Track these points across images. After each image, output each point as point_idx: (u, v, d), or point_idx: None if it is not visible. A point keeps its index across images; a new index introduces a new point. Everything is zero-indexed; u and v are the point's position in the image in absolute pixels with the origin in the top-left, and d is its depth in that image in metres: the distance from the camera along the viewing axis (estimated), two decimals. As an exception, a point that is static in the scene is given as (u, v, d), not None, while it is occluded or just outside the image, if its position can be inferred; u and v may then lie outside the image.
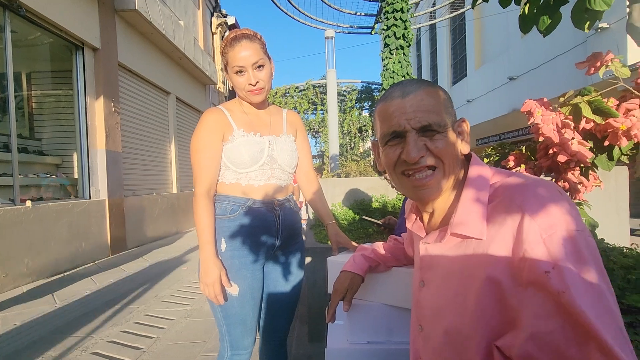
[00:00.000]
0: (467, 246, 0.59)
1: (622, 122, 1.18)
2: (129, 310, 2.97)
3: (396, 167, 0.65)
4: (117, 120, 5.47)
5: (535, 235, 0.50)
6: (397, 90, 0.65)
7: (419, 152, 0.60)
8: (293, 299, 1.27)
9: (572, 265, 0.47)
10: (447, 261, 0.63)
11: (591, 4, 0.96)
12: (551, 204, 0.52)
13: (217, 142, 1.12)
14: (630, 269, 1.20)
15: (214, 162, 1.12)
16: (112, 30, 5.46)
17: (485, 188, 0.60)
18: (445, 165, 0.62)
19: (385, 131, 0.65)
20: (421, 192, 0.63)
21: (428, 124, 0.60)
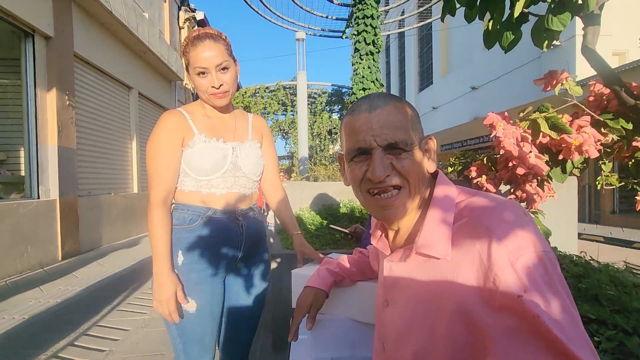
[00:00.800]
0: (432, 267, 0.58)
1: (575, 138, 1.25)
2: (79, 321, 2.76)
3: (362, 185, 0.63)
4: (71, 114, 5.10)
5: (504, 259, 0.50)
6: (365, 104, 0.63)
7: (385, 170, 0.59)
8: (256, 312, 1.22)
9: (543, 288, 0.47)
10: (412, 282, 0.62)
11: (549, 24, 1.00)
12: (518, 227, 0.52)
13: (175, 147, 1.05)
14: (581, 277, 1.26)
15: (171, 168, 1.05)
16: (68, 18, 5.09)
17: (450, 208, 0.60)
18: (411, 184, 0.60)
19: (351, 147, 0.63)
20: (386, 212, 0.62)
21: (395, 141, 0.59)
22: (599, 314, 0.98)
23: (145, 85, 7.79)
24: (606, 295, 1.10)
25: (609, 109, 1.30)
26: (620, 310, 1.02)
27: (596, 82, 1.36)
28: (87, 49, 5.60)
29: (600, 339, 0.90)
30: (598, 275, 1.27)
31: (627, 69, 5.95)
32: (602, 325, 0.95)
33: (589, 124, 1.26)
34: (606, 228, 7.87)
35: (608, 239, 6.78)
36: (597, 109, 1.35)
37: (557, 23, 0.96)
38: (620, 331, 0.91)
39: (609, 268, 1.35)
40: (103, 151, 6.24)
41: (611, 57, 7.69)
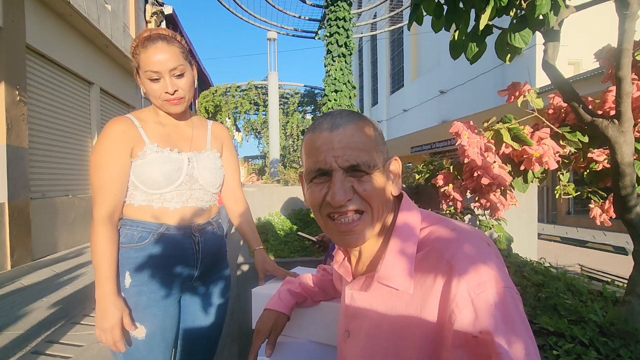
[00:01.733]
0: (393, 299, 0.56)
1: (536, 150, 1.27)
2: (27, 337, 2.54)
3: (322, 209, 0.59)
4: (22, 110, 4.73)
5: (463, 295, 0.48)
6: (327, 122, 0.59)
7: (346, 195, 0.55)
8: (214, 334, 1.15)
9: (500, 328, 0.46)
10: (373, 313, 0.59)
11: (511, 40, 1.01)
12: (480, 261, 0.50)
13: (123, 157, 0.96)
14: (541, 286, 1.29)
15: (117, 181, 0.95)
16: (20, 7, 4.71)
17: (413, 237, 0.57)
18: (373, 209, 0.57)
19: (311, 167, 0.59)
20: (347, 237, 0.58)
21: (356, 163, 0.56)
22: (558, 326, 1.00)
23: (108, 81, 7.39)
24: (564, 305, 1.13)
25: (566, 121, 1.34)
26: (578, 321, 1.04)
27: (555, 95, 1.40)
28: (42, 41, 5.22)
29: (559, 352, 0.91)
30: (556, 283, 1.31)
31: (581, 79, 6.32)
32: (560, 338, 0.97)
33: (548, 136, 1.29)
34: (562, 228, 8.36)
35: (564, 239, 7.20)
36: (555, 121, 1.39)
37: (519, 40, 0.97)
38: (578, 343, 0.93)
39: (566, 275, 1.40)
40: (60, 150, 5.84)
41: (567, 67, 8.16)
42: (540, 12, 0.90)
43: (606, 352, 0.89)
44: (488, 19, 1.06)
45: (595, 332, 0.97)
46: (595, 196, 1.55)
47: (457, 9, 1.17)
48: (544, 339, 0.97)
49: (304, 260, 2.08)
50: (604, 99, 1.18)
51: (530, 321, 1.07)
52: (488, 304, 0.47)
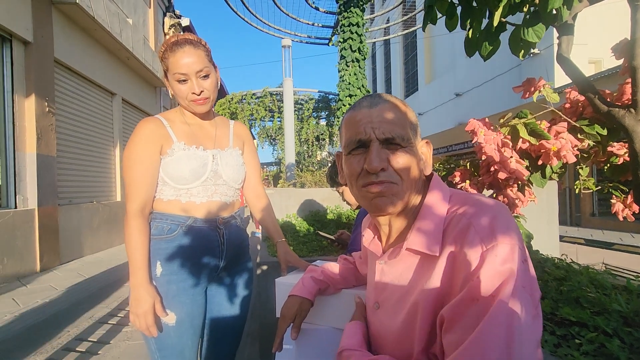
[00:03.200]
0: (422, 264, 0.59)
1: (553, 144, 1.28)
2: (58, 336, 2.66)
3: (358, 179, 0.64)
4: (51, 121, 4.97)
5: (476, 248, 0.52)
6: (366, 100, 0.65)
7: (381, 162, 0.60)
8: (239, 323, 1.19)
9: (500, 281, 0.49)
10: (401, 281, 0.63)
11: (524, 35, 1.03)
12: (499, 223, 0.53)
13: (153, 155, 1.03)
14: (562, 280, 1.28)
15: (149, 177, 1.02)
16: (48, 23, 4.98)
17: (442, 208, 0.61)
18: (404, 181, 0.61)
19: (350, 138, 0.64)
20: (378, 200, 0.62)
21: (392, 136, 0.61)
22: (580, 317, 1.00)
23: (129, 91, 7.67)
24: (587, 298, 1.12)
25: (584, 115, 1.34)
26: (601, 312, 1.04)
27: (572, 90, 1.40)
28: (69, 55, 5.49)
29: (581, 341, 0.91)
30: (579, 277, 1.30)
31: (602, 77, 6.17)
32: (583, 328, 0.97)
33: (566, 130, 1.29)
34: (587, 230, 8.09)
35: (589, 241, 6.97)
36: (573, 115, 1.39)
37: (533, 35, 0.99)
38: (601, 333, 0.93)
39: (589, 270, 1.38)
40: (85, 158, 6.09)
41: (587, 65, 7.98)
42: (552, 6, 0.92)
43: (630, 341, 0.89)
44: (501, 15, 1.09)
45: (619, 322, 0.96)
46: (616, 191, 1.53)
47: (471, 7, 1.20)
48: (566, 329, 0.98)
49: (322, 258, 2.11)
50: (622, 90, 1.18)
51: (552, 313, 1.08)
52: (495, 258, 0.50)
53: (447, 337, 0.51)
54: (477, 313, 0.48)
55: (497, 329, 0.46)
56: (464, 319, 0.49)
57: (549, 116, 1.45)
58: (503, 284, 0.48)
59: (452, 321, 0.50)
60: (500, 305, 0.47)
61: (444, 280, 0.55)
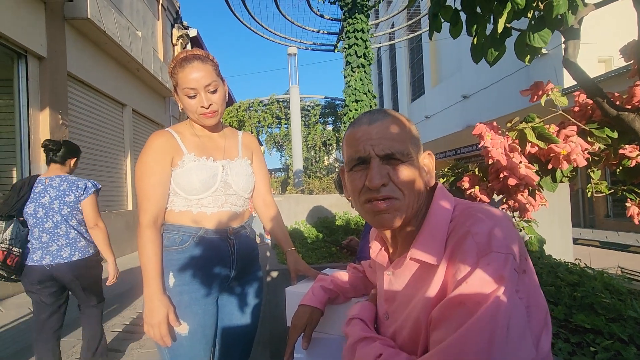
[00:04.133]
0: (428, 275, 0.60)
1: (563, 148, 1.27)
2: (71, 344, 2.70)
3: (361, 195, 0.65)
4: (64, 133, 5.09)
5: (472, 256, 0.52)
6: (365, 117, 0.66)
7: (382, 178, 0.61)
8: (250, 332, 1.20)
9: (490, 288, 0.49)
10: (407, 290, 0.64)
11: (530, 41, 1.03)
12: (498, 232, 0.54)
13: (164, 167, 1.05)
14: (576, 285, 1.26)
15: (161, 188, 1.04)
16: (61, 38, 5.13)
17: (446, 220, 0.61)
18: (406, 196, 0.62)
19: (351, 156, 0.65)
20: (380, 217, 0.62)
21: (391, 152, 0.61)
22: (595, 324, 0.98)
23: (139, 102, 7.82)
24: (601, 304, 1.10)
25: (594, 118, 1.33)
26: (616, 319, 1.02)
27: (580, 93, 1.39)
28: (81, 68, 5.63)
29: (596, 348, 0.90)
30: (593, 283, 1.27)
31: (612, 76, 6.08)
32: (598, 335, 0.95)
33: (575, 133, 1.28)
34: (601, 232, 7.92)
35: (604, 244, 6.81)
36: (582, 118, 1.38)
37: (539, 40, 0.99)
38: (617, 340, 0.91)
39: (603, 275, 1.36)
40: (97, 168, 6.21)
41: (597, 64, 7.87)
42: (557, 12, 0.92)
43: (647, 348, 0.87)
44: (506, 21, 1.09)
45: (635, 329, 0.94)
46: (631, 194, 1.50)
47: (475, 14, 1.20)
48: (581, 336, 0.96)
49: (332, 265, 2.11)
50: (632, 93, 1.17)
51: (566, 320, 1.06)
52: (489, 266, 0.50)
53: (432, 335, 0.53)
54: (462, 315, 0.49)
55: (479, 333, 0.46)
56: (449, 319, 0.50)
57: (558, 119, 1.44)
58: (492, 292, 0.49)
59: (438, 321, 0.52)
60: (486, 311, 0.47)
61: (440, 288, 0.56)
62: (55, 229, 1.91)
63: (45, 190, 1.93)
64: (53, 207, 1.92)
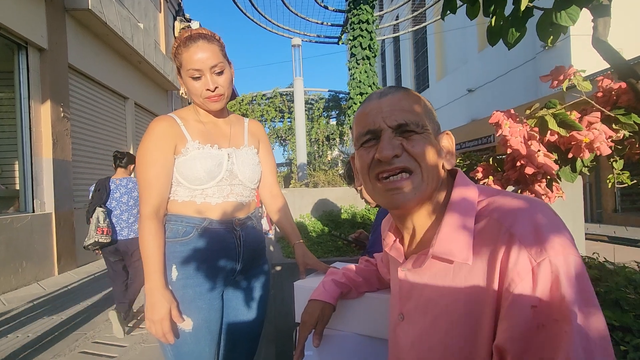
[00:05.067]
0: (453, 274, 0.53)
1: (586, 135, 1.20)
2: (75, 338, 2.67)
3: (370, 170, 0.58)
4: (66, 126, 5.05)
5: (524, 263, 0.45)
6: (376, 93, 0.61)
7: (394, 150, 0.54)
8: (256, 327, 1.15)
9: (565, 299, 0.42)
10: (430, 291, 0.56)
11: (557, 19, 0.96)
12: (542, 228, 0.47)
13: (167, 155, 0.98)
14: (597, 280, 1.20)
15: (163, 177, 0.98)
16: (62, 30, 5.07)
17: (471, 210, 0.54)
18: (422, 169, 0.55)
19: (360, 131, 0.60)
20: (395, 196, 0.56)
21: (405, 122, 0.56)
22: (623, 320, 0.92)
23: (141, 95, 7.76)
24: (627, 300, 1.04)
25: (619, 104, 1.26)
26: (645, 316, 0.96)
27: (604, 77, 1.31)
28: (82, 60, 5.57)
29: (627, 347, 0.84)
30: (615, 278, 1.21)
31: (623, 68, 5.95)
32: (627, 333, 0.89)
33: (599, 120, 1.21)
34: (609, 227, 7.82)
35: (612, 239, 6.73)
36: (606, 104, 1.30)
37: (566, 18, 0.92)
38: (647, 339, 0.85)
39: (626, 270, 1.29)
40: (100, 162, 6.18)
41: None
42: (589, -15, 0.85)
43: (682, 348, 0.81)
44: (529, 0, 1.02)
45: (667, 327, 0.88)
46: (654, 186, 1.43)
47: (494, -8, 1.13)
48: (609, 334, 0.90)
49: (338, 259, 2.06)
50: (663, 76, 1.09)
51: (590, 317, 1.00)
52: (552, 273, 0.43)
53: None
54: (546, 340, 0.42)
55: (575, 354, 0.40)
56: (533, 349, 0.43)
57: (579, 106, 1.37)
58: (567, 301, 0.42)
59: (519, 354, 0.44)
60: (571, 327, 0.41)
61: (479, 291, 0.50)
62: (121, 215, 2.85)
63: (117, 188, 2.90)
64: (122, 200, 2.87)
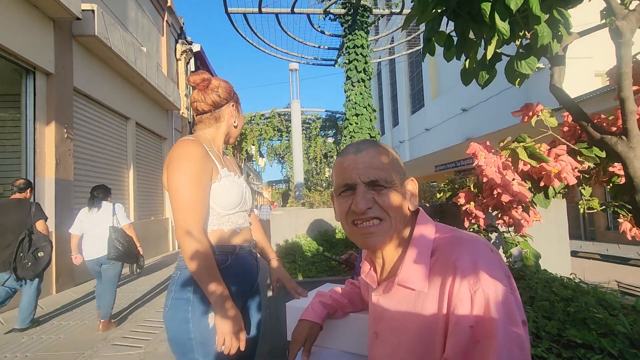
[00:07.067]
0: (414, 299, 0.64)
1: (554, 166, 1.32)
2: (74, 357, 2.70)
3: (347, 217, 0.70)
4: (69, 147, 5.17)
5: (464, 292, 0.57)
6: (352, 147, 0.72)
7: (367, 203, 0.66)
8: (254, 344, 1.23)
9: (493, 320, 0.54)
10: (397, 314, 0.67)
11: (518, 67, 1.09)
12: (479, 262, 0.58)
13: (208, 179, 1.04)
14: (569, 300, 1.29)
15: (207, 201, 1.03)
16: (69, 55, 5.26)
17: (427, 245, 0.66)
18: (391, 218, 0.67)
19: (339, 183, 0.71)
20: (368, 239, 0.68)
21: (376, 179, 0.67)
22: (586, 338, 1.01)
23: (142, 115, 7.93)
24: (594, 319, 1.13)
25: (583, 138, 1.38)
26: (607, 334, 1.05)
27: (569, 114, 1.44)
28: (87, 83, 5.75)
29: (587, 363, 0.93)
30: (586, 297, 1.30)
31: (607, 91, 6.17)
32: (589, 350, 0.98)
33: (565, 152, 1.34)
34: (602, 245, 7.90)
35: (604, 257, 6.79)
36: (572, 138, 1.43)
37: (526, 67, 1.05)
38: (607, 355, 0.94)
39: (597, 290, 1.39)
40: (100, 181, 6.26)
41: (593, 79, 7.98)
42: (542, 42, 0.98)
43: (635, 363, 0.90)
44: (495, 47, 1.15)
45: (625, 345, 0.97)
46: (622, 210, 1.54)
47: (467, 39, 1.27)
48: (573, 351, 0.99)
49: (331, 279, 2.14)
50: (617, 116, 1.22)
51: (559, 334, 1.09)
52: (484, 300, 0.55)
53: None
54: (480, 353, 0.53)
55: None
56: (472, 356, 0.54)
57: (549, 138, 1.49)
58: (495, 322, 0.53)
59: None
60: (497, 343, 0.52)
61: (433, 313, 0.61)
62: None
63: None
64: None
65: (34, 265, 3.09)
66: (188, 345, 1.00)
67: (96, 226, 3.35)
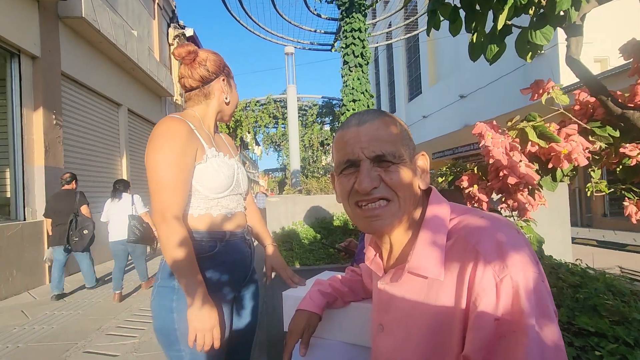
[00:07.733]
0: (427, 288, 0.57)
1: (564, 147, 1.25)
2: (65, 347, 2.65)
3: (350, 198, 0.61)
4: (58, 133, 5.03)
5: (489, 280, 0.49)
6: (355, 119, 0.63)
7: (372, 182, 0.57)
8: (251, 333, 1.17)
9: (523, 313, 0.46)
10: (406, 304, 0.60)
11: (532, 38, 1.01)
12: (505, 246, 0.50)
13: (191, 159, 0.94)
14: (578, 287, 1.24)
15: (188, 183, 0.94)
16: (55, 37, 5.07)
17: (442, 228, 0.58)
18: (399, 198, 0.58)
19: (340, 159, 0.62)
20: (373, 223, 0.59)
21: (382, 153, 0.58)
22: (599, 326, 0.96)
23: (134, 101, 7.76)
24: (605, 306, 1.08)
25: (595, 117, 1.31)
26: (620, 322, 1.00)
27: (581, 91, 1.37)
28: (75, 68, 5.57)
29: (601, 352, 0.88)
30: (595, 284, 1.25)
31: (609, 75, 6.10)
32: (602, 338, 0.93)
33: (576, 132, 1.26)
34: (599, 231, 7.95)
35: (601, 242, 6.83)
36: (583, 117, 1.36)
37: (541, 37, 0.97)
38: (622, 344, 0.89)
39: (605, 276, 1.34)
40: (92, 169, 6.15)
41: (593, 64, 7.89)
42: (560, 8, 0.90)
43: (653, 352, 0.85)
44: (506, 18, 1.07)
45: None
46: (629, 193, 1.48)
47: (474, 11, 1.18)
48: (585, 339, 0.94)
49: (329, 267, 2.09)
50: (634, 91, 1.15)
51: (569, 322, 1.04)
52: (512, 288, 0.47)
53: None
54: (506, 350, 0.46)
55: None
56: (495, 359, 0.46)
57: (558, 118, 1.42)
58: (526, 314, 0.45)
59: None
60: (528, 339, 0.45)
61: (449, 305, 0.53)
62: None
63: None
64: None
65: (81, 240, 3.99)
66: (173, 335, 0.93)
67: (119, 213, 4.06)
